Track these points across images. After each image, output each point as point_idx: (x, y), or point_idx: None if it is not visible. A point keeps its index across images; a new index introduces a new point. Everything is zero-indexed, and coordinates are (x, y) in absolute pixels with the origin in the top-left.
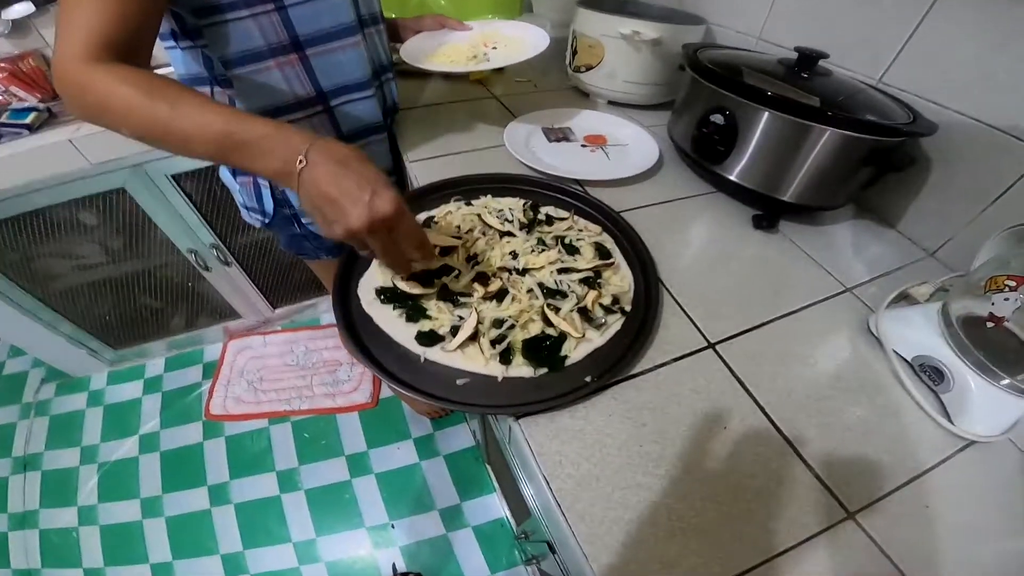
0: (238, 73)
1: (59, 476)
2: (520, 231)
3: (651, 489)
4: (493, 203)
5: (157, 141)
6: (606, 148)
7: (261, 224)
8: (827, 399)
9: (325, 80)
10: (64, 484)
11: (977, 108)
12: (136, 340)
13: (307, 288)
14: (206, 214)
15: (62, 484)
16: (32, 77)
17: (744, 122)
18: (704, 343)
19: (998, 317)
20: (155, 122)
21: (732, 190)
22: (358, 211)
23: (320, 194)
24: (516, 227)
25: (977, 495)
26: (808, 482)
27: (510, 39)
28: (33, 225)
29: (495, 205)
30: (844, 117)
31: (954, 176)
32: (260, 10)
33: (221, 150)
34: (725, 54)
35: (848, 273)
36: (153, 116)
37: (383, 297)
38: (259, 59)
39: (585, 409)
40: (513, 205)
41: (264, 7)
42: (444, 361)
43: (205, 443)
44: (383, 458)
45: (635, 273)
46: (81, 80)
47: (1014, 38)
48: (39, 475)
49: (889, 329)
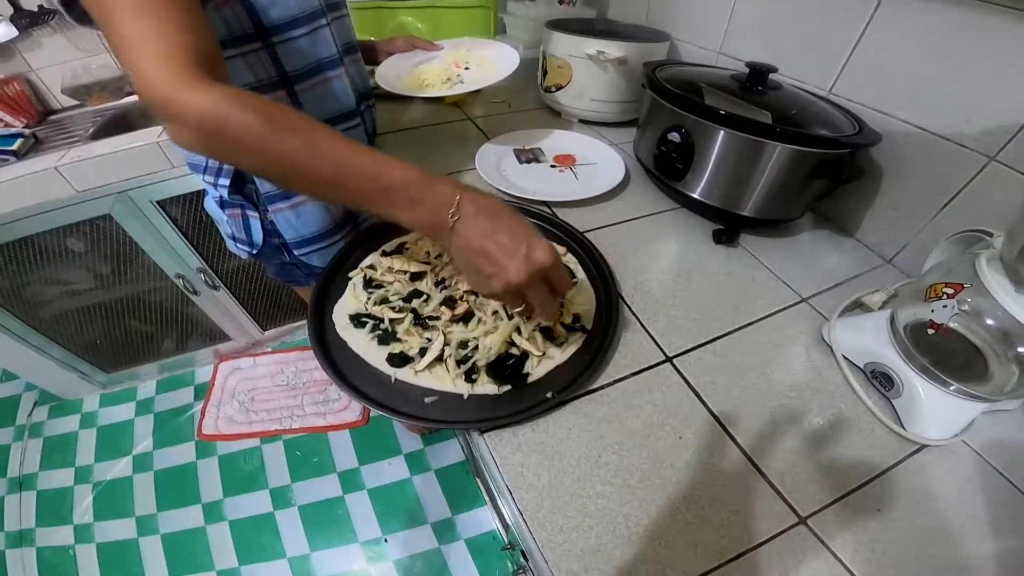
0: None
1: (54, 496)
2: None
3: (609, 498)
4: None
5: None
6: (575, 168)
7: (248, 255)
8: (781, 407)
9: (314, 114)
10: (59, 503)
11: (922, 116)
12: (127, 363)
13: (296, 310)
14: (192, 239)
15: (57, 503)
16: (17, 101)
17: (700, 140)
18: (662, 357)
19: (938, 324)
20: (293, 164)
21: (694, 206)
22: (516, 265)
23: (476, 249)
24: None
25: (931, 497)
26: (761, 489)
27: (482, 59)
28: (21, 252)
29: None
30: (791, 132)
31: (905, 184)
32: (248, 48)
33: (363, 195)
34: (683, 71)
35: (805, 283)
36: (291, 157)
37: (356, 322)
38: None
39: (546, 423)
40: None
41: (252, 45)
42: (413, 381)
43: (198, 462)
44: (375, 474)
45: (597, 291)
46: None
47: (954, 45)
48: (34, 495)
49: (840, 337)
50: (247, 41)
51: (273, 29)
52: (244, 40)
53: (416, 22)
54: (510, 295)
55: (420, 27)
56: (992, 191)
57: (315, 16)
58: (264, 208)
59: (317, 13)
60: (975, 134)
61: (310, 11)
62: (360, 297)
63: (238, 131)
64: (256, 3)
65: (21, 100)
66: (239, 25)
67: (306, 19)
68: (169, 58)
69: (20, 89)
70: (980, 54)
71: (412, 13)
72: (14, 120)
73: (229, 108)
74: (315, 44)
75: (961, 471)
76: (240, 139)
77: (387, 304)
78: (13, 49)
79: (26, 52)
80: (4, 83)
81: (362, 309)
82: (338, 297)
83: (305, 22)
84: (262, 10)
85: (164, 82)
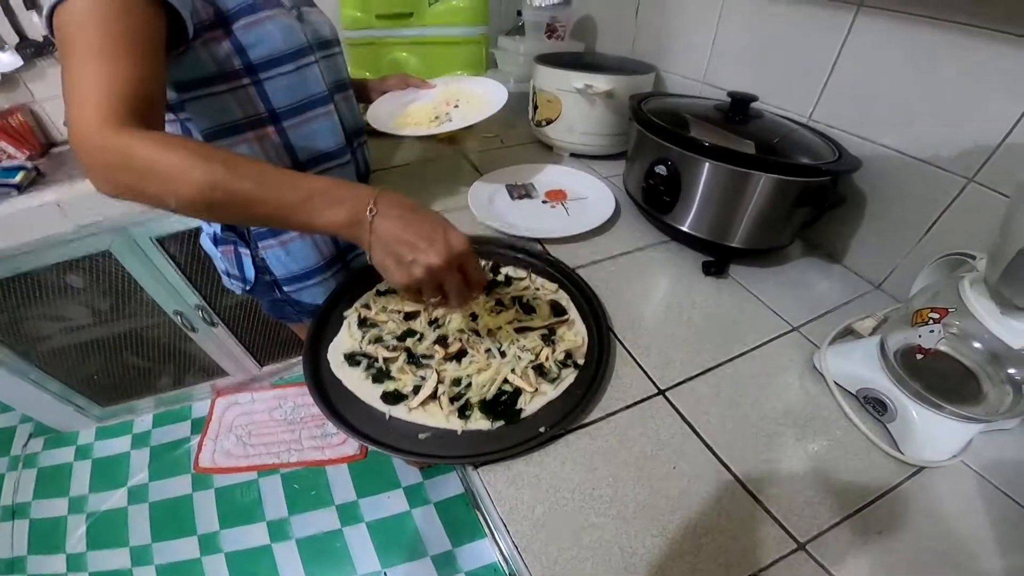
0: (219, 145)
1: (47, 525)
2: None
3: (604, 528)
4: None
5: (213, 207)
6: (566, 203)
7: (242, 291)
8: (775, 435)
9: (302, 151)
10: (52, 532)
11: (899, 139)
12: (124, 398)
13: (294, 346)
14: (191, 276)
15: (50, 532)
16: (20, 133)
17: (686, 172)
18: (655, 390)
19: (926, 349)
20: (213, 185)
21: (683, 238)
22: (436, 248)
23: (396, 238)
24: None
25: (934, 518)
26: (758, 516)
27: (472, 96)
28: (20, 287)
29: None
30: (772, 162)
31: (888, 209)
32: (237, 84)
33: (284, 208)
34: (668, 103)
35: (796, 312)
36: (211, 179)
37: (351, 361)
38: (238, 131)
39: (540, 457)
40: None
41: (240, 81)
42: (407, 418)
43: (194, 494)
44: (374, 507)
45: (589, 328)
46: (119, 146)
47: (926, 66)
48: (27, 523)
49: (832, 365)
50: (234, 77)
51: (260, 65)
52: (231, 76)
53: (410, 57)
54: (427, 283)
55: (414, 62)
56: (973, 213)
57: (302, 53)
58: (255, 245)
59: (304, 51)
60: (952, 156)
61: (297, 48)
62: (354, 336)
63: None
64: (243, 40)
65: (24, 131)
66: (227, 61)
67: (292, 56)
68: (100, 106)
69: (23, 120)
70: (952, 74)
71: (406, 49)
72: (17, 152)
73: (145, 144)
74: (303, 81)
75: (963, 491)
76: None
77: (381, 343)
78: (18, 79)
79: (30, 82)
80: (8, 114)
81: (356, 348)
82: (333, 336)
83: (291, 59)
84: (249, 47)
85: (91, 126)
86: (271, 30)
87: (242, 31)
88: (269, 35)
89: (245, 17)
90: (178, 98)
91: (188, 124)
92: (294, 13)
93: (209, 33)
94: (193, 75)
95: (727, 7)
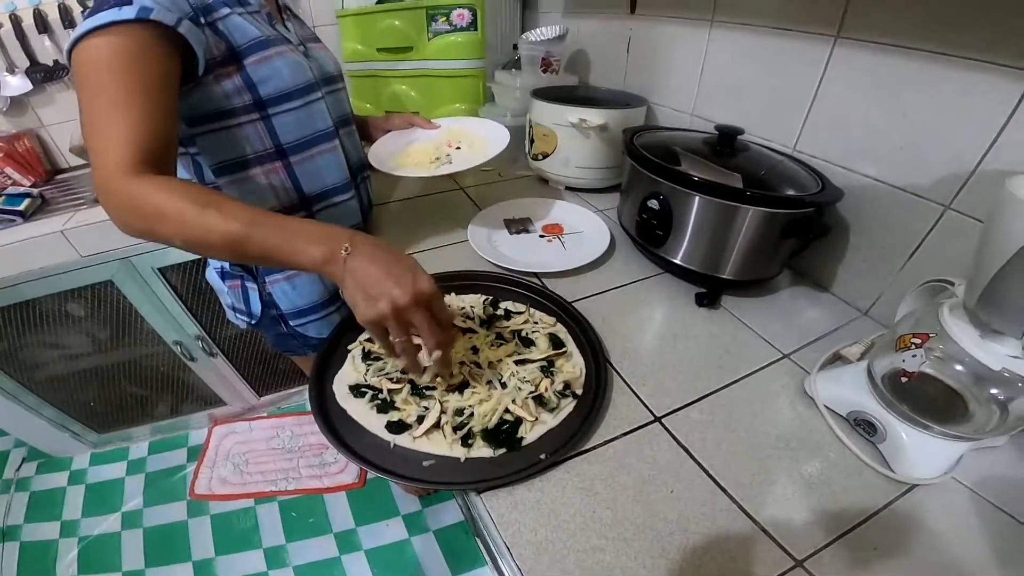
0: (227, 180)
1: (38, 548)
2: (480, 327)
3: (605, 551)
4: (456, 301)
5: (209, 247)
6: (562, 237)
7: (247, 325)
8: (769, 458)
9: (308, 186)
10: (43, 556)
11: (879, 169)
12: (120, 425)
13: (292, 377)
14: (191, 306)
15: (41, 556)
16: (27, 159)
17: (678, 206)
18: (651, 417)
19: (910, 372)
20: (209, 229)
21: (676, 271)
22: (404, 287)
23: (366, 275)
24: (476, 323)
25: (928, 534)
26: (755, 536)
27: (474, 138)
28: (21, 315)
29: (458, 304)
30: (758, 195)
31: (871, 237)
32: (246, 119)
33: (267, 248)
34: (659, 137)
35: (786, 340)
36: (206, 223)
37: (356, 392)
38: (246, 167)
39: (541, 482)
40: (474, 302)
41: (250, 116)
42: (412, 446)
43: (190, 521)
44: (372, 535)
45: (586, 359)
46: (133, 193)
47: (901, 95)
48: (17, 546)
49: (822, 389)
50: (243, 112)
51: (269, 101)
52: (241, 112)
53: (410, 90)
54: (392, 319)
55: (413, 95)
56: (952, 239)
57: (310, 89)
58: (262, 280)
59: (313, 86)
60: (929, 184)
61: (305, 84)
62: (359, 369)
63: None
64: (253, 76)
65: (31, 157)
66: (238, 96)
67: (300, 92)
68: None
69: (30, 146)
70: (926, 103)
71: (406, 82)
72: (23, 178)
73: (155, 191)
74: (311, 117)
75: (955, 507)
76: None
77: (385, 375)
78: (26, 103)
79: (39, 107)
80: (15, 139)
81: (361, 380)
82: (337, 368)
83: (300, 95)
84: (259, 83)
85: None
86: (280, 66)
87: (253, 67)
88: (278, 71)
89: (256, 53)
90: (188, 132)
91: (198, 159)
92: (301, 49)
93: (221, 69)
94: (203, 110)
95: (712, 43)
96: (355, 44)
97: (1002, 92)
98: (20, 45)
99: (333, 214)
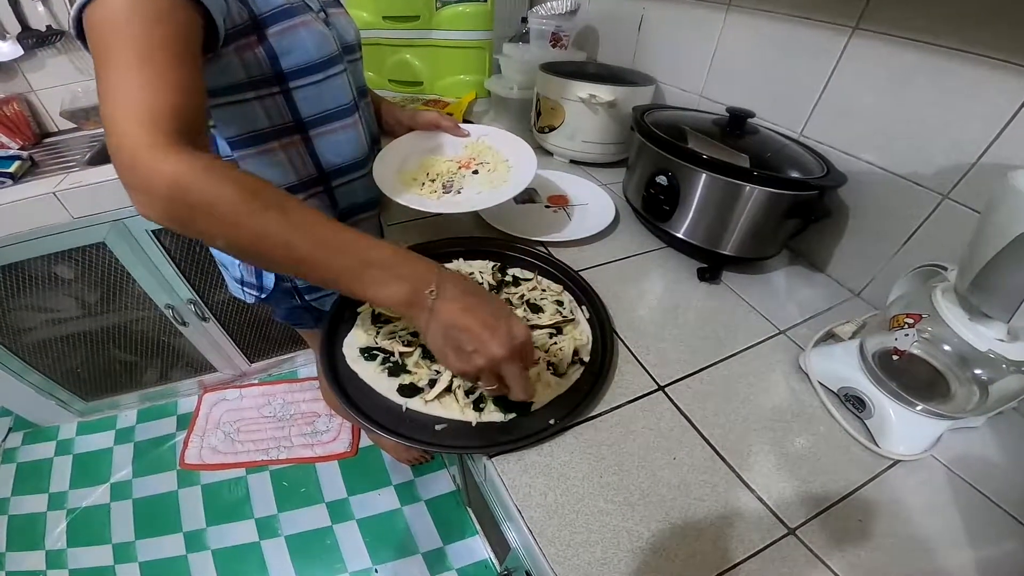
0: (244, 154)
1: (25, 521)
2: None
3: (612, 514)
4: (464, 266)
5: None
6: (568, 208)
7: (256, 299)
8: (765, 429)
9: (326, 161)
10: (31, 529)
11: (882, 157)
12: (108, 392)
13: (285, 342)
14: (185, 270)
15: (29, 529)
16: (15, 122)
17: (685, 183)
18: (655, 386)
19: (901, 351)
20: (264, 235)
21: (680, 245)
22: (499, 340)
23: (456, 324)
24: (485, 288)
25: (907, 509)
26: (752, 504)
27: (497, 162)
28: (8, 278)
29: (466, 268)
30: (766, 175)
31: (869, 222)
32: (265, 92)
33: (334, 272)
34: (669, 116)
35: (782, 317)
36: (265, 228)
37: (367, 355)
38: (264, 140)
39: (550, 447)
40: (483, 268)
41: (270, 89)
42: (424, 410)
43: (180, 491)
44: (364, 504)
45: (593, 327)
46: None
47: (909, 88)
48: (5, 519)
49: (815, 365)
50: (264, 85)
51: (290, 74)
52: (262, 84)
53: (415, 60)
54: (487, 372)
55: (418, 65)
56: (947, 227)
57: (333, 62)
58: None
59: (336, 59)
60: (930, 173)
61: (328, 56)
62: (369, 331)
63: (212, 201)
64: (277, 47)
65: (19, 121)
66: (258, 69)
67: (323, 65)
68: (146, 121)
69: (19, 109)
70: (932, 96)
71: (411, 51)
72: (10, 141)
73: (203, 175)
74: (332, 90)
75: (932, 484)
76: (213, 211)
77: (396, 338)
78: (16, 68)
79: (28, 72)
80: (4, 103)
81: (371, 343)
82: (347, 331)
83: (322, 68)
84: (282, 54)
85: (139, 142)
86: (304, 37)
87: (276, 38)
88: (302, 43)
89: (280, 22)
90: None
91: (213, 131)
92: (322, 16)
93: (242, 39)
94: (221, 82)
95: (728, 26)
96: (361, 11)
97: (1010, 89)
98: (12, 11)
99: (349, 190)
